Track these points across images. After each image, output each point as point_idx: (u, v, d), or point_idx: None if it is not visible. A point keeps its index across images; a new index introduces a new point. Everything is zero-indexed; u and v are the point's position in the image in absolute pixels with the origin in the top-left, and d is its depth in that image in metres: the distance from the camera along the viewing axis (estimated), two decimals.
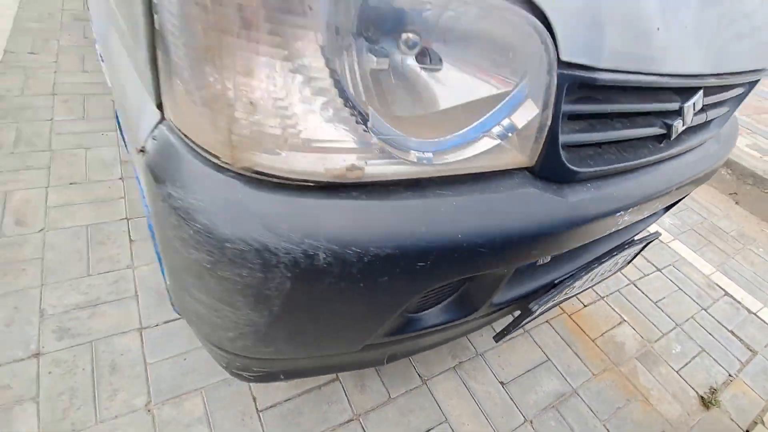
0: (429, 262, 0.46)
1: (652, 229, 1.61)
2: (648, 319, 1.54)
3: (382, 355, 0.69)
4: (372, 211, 0.43)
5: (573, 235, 0.56)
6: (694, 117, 0.71)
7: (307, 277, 0.42)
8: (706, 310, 1.66)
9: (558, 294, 0.79)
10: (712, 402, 1.30)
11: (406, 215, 0.44)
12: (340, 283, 0.43)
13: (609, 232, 0.66)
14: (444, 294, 0.64)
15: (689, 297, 1.70)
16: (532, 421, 1.13)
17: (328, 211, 0.41)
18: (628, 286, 1.68)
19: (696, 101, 0.68)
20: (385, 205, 0.43)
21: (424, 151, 0.42)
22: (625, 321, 1.51)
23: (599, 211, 0.59)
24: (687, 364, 1.41)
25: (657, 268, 1.82)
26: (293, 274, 0.41)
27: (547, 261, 0.75)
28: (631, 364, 1.36)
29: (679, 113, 0.67)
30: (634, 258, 1.08)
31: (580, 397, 1.22)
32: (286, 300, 0.43)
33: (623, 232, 0.94)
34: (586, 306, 1.53)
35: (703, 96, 0.70)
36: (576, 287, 0.89)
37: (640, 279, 1.73)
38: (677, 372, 1.37)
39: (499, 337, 0.82)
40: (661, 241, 1.99)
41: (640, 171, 0.69)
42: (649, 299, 1.64)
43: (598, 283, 1.04)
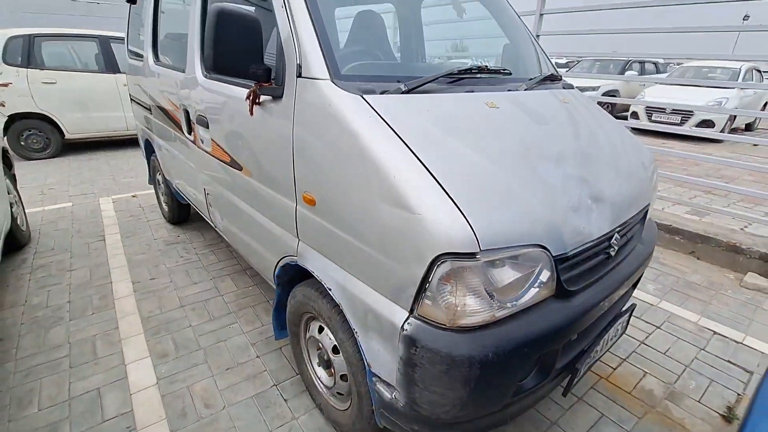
0: (527, 349, 1.05)
1: (642, 301, 2.20)
2: (663, 367, 2.03)
3: (507, 415, 1.20)
4: (500, 332, 1.03)
5: (581, 320, 1.17)
6: (619, 244, 1.39)
7: (486, 367, 0.99)
8: (703, 350, 2.16)
9: (588, 357, 1.34)
10: (732, 417, 1.73)
11: (512, 331, 1.05)
12: (497, 368, 1.01)
13: (600, 313, 1.27)
14: (533, 368, 1.19)
15: (688, 342, 2.21)
16: None
17: (486, 336, 1.01)
18: (640, 346, 2.19)
19: (615, 237, 1.36)
20: (505, 328, 1.04)
21: (515, 303, 1.05)
22: (647, 373, 2.00)
23: (589, 305, 1.20)
24: (704, 394, 1.87)
25: (656, 326, 2.36)
26: (481, 368, 0.98)
27: (575, 338, 1.33)
28: (663, 403, 1.81)
29: (610, 245, 1.35)
30: (627, 325, 1.66)
31: None
32: (478, 379, 1.00)
33: (611, 312, 1.53)
34: (615, 369, 2.02)
35: (618, 233, 1.38)
36: (598, 351, 1.44)
37: (647, 338, 2.25)
38: (698, 401, 1.82)
39: (565, 392, 1.34)
40: (651, 304, 2.56)
41: (605, 278, 1.33)
42: (659, 352, 2.14)
43: (611, 346, 1.59)
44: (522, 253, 1.03)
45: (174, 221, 3.43)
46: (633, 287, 1.72)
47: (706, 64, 9.14)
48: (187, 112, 2.11)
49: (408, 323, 1.04)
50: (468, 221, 0.95)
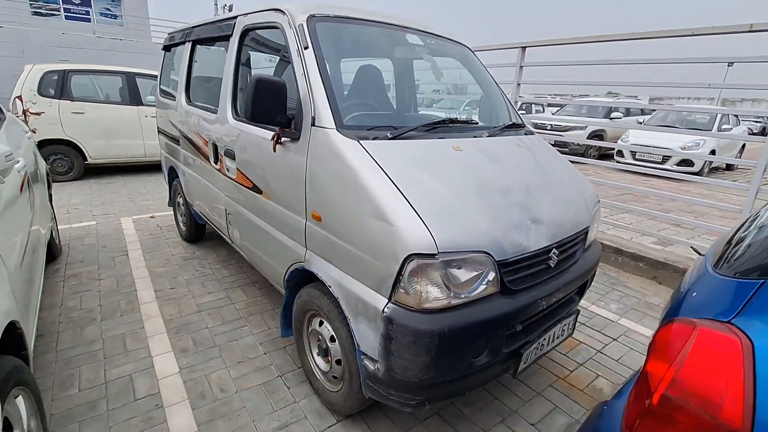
0: (475, 329, 1.41)
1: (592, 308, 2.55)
2: (614, 371, 2.35)
3: (464, 387, 1.54)
4: (455, 315, 1.39)
5: (520, 313, 1.53)
6: (558, 257, 1.77)
7: (443, 339, 1.35)
8: None
9: (532, 347, 1.69)
10: None
11: (464, 315, 1.41)
12: (451, 341, 1.37)
13: (538, 310, 1.63)
14: (483, 349, 1.54)
15: (639, 352, 2.55)
16: None
17: (444, 317, 1.38)
18: (596, 354, 2.52)
19: (554, 252, 1.74)
20: (459, 312, 1.40)
21: (468, 294, 1.43)
22: (600, 375, 2.32)
23: (528, 302, 1.57)
24: None
25: (613, 338, 2.69)
26: (439, 339, 1.34)
27: (520, 329, 1.68)
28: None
29: (549, 258, 1.72)
30: (573, 327, 2.01)
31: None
32: (437, 349, 1.35)
33: (554, 313, 1.89)
34: (572, 372, 2.35)
35: (557, 248, 1.76)
36: (544, 345, 1.79)
37: (603, 348, 2.58)
38: None
39: (514, 374, 1.68)
40: (611, 321, 2.91)
41: (544, 283, 1.70)
42: (612, 359, 2.47)
43: (559, 343, 1.94)
44: (470, 257, 1.41)
45: (190, 240, 3.82)
46: (579, 295, 2.09)
47: (686, 108, 9.83)
48: (215, 146, 2.55)
49: (387, 307, 1.41)
50: (430, 231, 1.34)
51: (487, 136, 2.01)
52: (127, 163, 6.67)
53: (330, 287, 1.67)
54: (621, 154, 9.36)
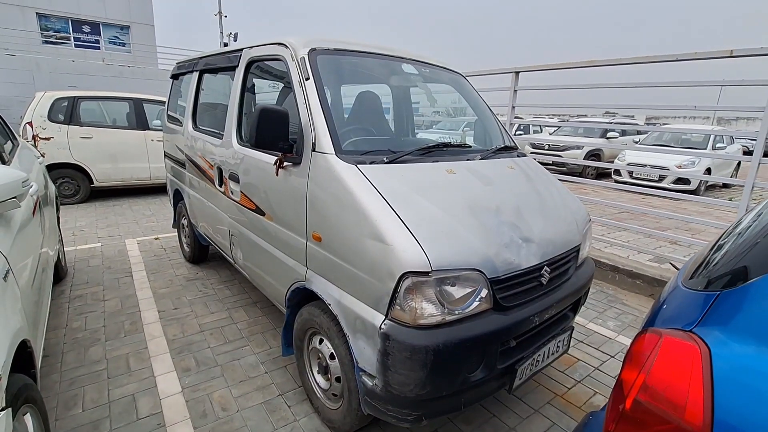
0: (469, 344, 1.46)
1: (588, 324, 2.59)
2: (611, 388, 2.38)
3: (460, 402, 1.58)
4: (449, 331, 1.45)
5: (513, 329, 1.59)
6: (550, 274, 1.83)
7: (438, 354, 1.40)
8: None
9: (526, 363, 1.74)
10: None
11: (458, 331, 1.47)
12: (446, 356, 1.42)
13: (531, 326, 1.68)
14: (478, 364, 1.59)
15: None
16: None
17: (439, 333, 1.43)
18: (594, 371, 2.55)
19: (545, 269, 1.81)
20: (453, 328, 1.46)
21: (462, 311, 1.49)
22: (597, 392, 2.34)
23: (521, 318, 1.63)
24: None
25: (611, 356, 2.72)
26: (435, 355, 1.39)
27: (514, 345, 1.73)
28: None
29: (541, 275, 1.79)
30: (568, 344, 2.05)
31: None
32: (432, 364, 1.40)
33: (548, 329, 1.94)
34: (570, 389, 2.37)
35: (548, 266, 1.83)
36: (539, 361, 1.84)
37: (601, 365, 2.61)
38: None
39: (510, 389, 1.72)
40: (609, 338, 2.93)
41: (536, 299, 1.76)
42: (610, 376, 2.50)
43: (554, 360, 1.98)
44: (463, 274, 1.48)
45: (194, 261, 3.89)
46: (573, 312, 2.14)
47: (681, 128, 10.00)
48: (220, 169, 2.65)
49: (384, 324, 1.47)
50: (424, 250, 1.41)
51: (480, 159, 2.10)
52: (133, 186, 6.80)
53: (330, 305, 1.73)
54: (618, 173, 9.49)
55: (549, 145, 10.53)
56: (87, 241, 4.60)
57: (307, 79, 1.88)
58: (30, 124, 5.85)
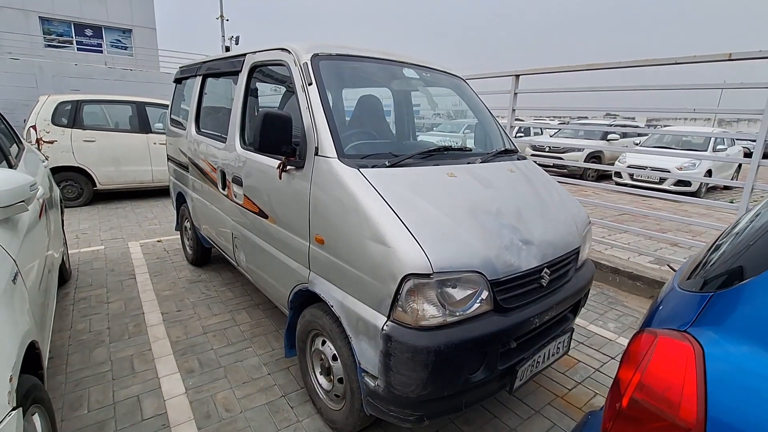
0: (469, 345, 1.48)
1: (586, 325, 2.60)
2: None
3: (462, 402, 1.60)
4: (450, 332, 1.47)
5: (514, 330, 1.61)
6: (550, 276, 1.85)
7: (439, 355, 1.42)
8: None
9: (527, 364, 1.75)
10: None
11: (459, 332, 1.49)
12: (447, 357, 1.44)
13: (532, 327, 1.70)
14: (479, 365, 1.61)
15: None
16: None
17: (440, 334, 1.45)
18: (594, 372, 2.56)
19: (545, 271, 1.83)
20: (454, 329, 1.48)
21: (463, 312, 1.51)
22: (597, 393, 2.36)
23: (521, 319, 1.65)
24: None
25: (611, 357, 2.73)
26: (436, 356, 1.41)
27: (515, 346, 1.75)
28: None
29: (541, 277, 1.81)
30: (568, 345, 2.07)
31: None
32: (433, 365, 1.42)
33: (548, 331, 1.96)
34: (570, 390, 2.38)
35: (548, 268, 1.85)
36: (539, 362, 1.86)
37: (601, 367, 2.62)
38: None
39: (510, 390, 1.74)
40: (610, 340, 2.95)
41: (537, 301, 1.78)
42: (611, 378, 2.51)
43: (554, 361, 1.99)
44: (464, 276, 1.50)
45: (196, 263, 3.91)
46: (573, 314, 2.16)
47: (682, 130, 10.02)
48: (223, 173, 2.68)
49: (386, 325, 1.49)
50: (425, 253, 1.44)
51: (480, 162, 2.13)
52: (135, 189, 6.84)
53: (332, 307, 1.75)
54: (619, 175, 9.51)
55: (550, 147, 10.55)
56: (90, 243, 4.63)
57: (309, 84, 1.91)
58: (34, 127, 5.89)
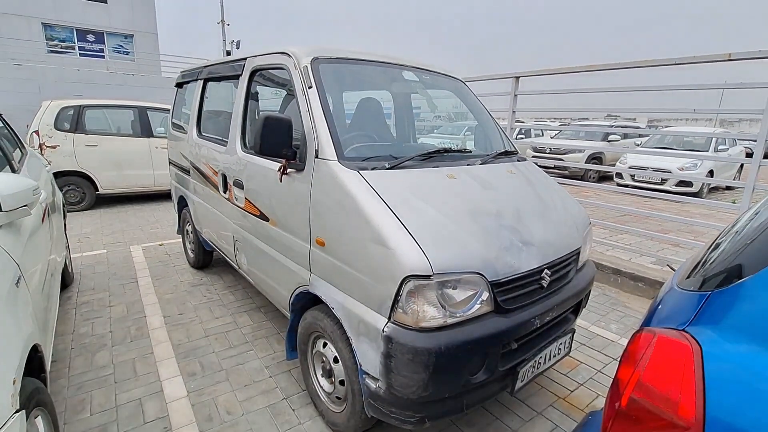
0: (470, 346, 1.48)
1: (585, 328, 2.60)
2: None
3: (463, 404, 1.60)
4: (450, 333, 1.47)
5: (514, 331, 1.61)
6: (551, 277, 1.85)
7: (440, 357, 1.42)
8: None
9: (528, 365, 1.75)
10: None
11: (459, 333, 1.49)
12: (447, 358, 1.44)
13: (532, 328, 1.70)
14: (479, 366, 1.61)
15: None
16: None
17: (441, 335, 1.46)
18: (597, 374, 2.56)
19: (546, 272, 1.83)
20: (455, 331, 1.48)
21: (463, 314, 1.51)
22: (600, 395, 2.35)
23: (522, 320, 1.65)
24: None
25: (613, 359, 2.73)
26: (436, 357, 1.42)
27: (515, 347, 1.75)
28: None
29: (541, 278, 1.81)
30: (570, 346, 2.07)
31: None
32: (434, 366, 1.42)
33: (549, 332, 1.95)
34: (572, 391, 2.38)
35: (549, 269, 1.85)
36: (540, 363, 1.85)
37: (604, 368, 2.62)
38: None
39: (512, 391, 1.74)
40: (612, 341, 2.94)
41: (537, 302, 1.78)
42: (612, 378, 2.50)
43: (556, 362, 1.99)
44: (464, 277, 1.51)
45: (198, 266, 3.92)
46: (574, 314, 2.16)
47: (683, 130, 10.01)
48: (224, 176, 2.69)
49: (387, 326, 1.50)
50: (425, 254, 1.44)
51: (480, 164, 2.13)
52: (137, 193, 6.86)
53: (333, 309, 1.75)
54: (620, 176, 9.50)
55: (551, 148, 10.55)
56: (93, 247, 4.65)
57: (309, 87, 1.93)
58: (37, 132, 5.93)
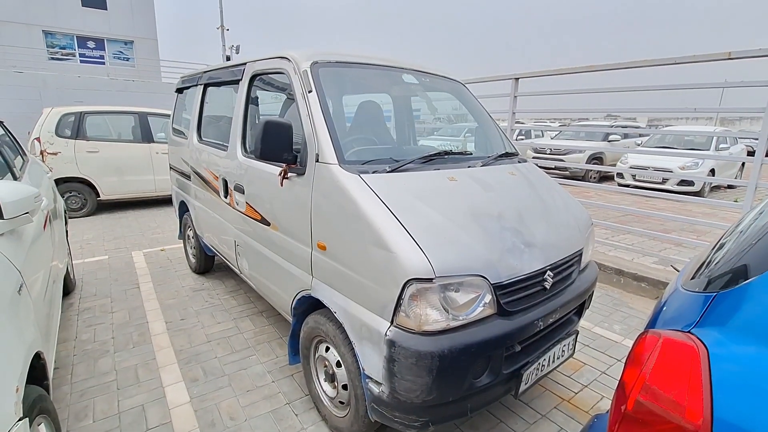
0: (473, 349, 1.47)
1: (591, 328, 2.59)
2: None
3: (467, 408, 1.59)
4: (454, 336, 1.47)
5: (517, 334, 1.60)
6: (553, 279, 1.84)
7: (443, 360, 1.41)
8: None
9: (532, 368, 1.74)
10: None
11: (462, 337, 1.48)
12: (451, 362, 1.43)
13: (536, 330, 1.70)
14: (483, 369, 1.60)
15: None
16: None
17: (444, 339, 1.45)
18: (601, 375, 2.54)
19: (548, 274, 1.82)
20: (458, 334, 1.48)
21: (466, 317, 1.50)
22: (604, 397, 2.34)
23: (525, 323, 1.64)
24: None
25: (617, 360, 2.71)
26: (440, 360, 1.41)
27: (519, 350, 1.74)
28: None
29: (544, 279, 1.80)
30: (573, 348, 2.06)
31: None
32: (438, 369, 1.42)
33: (553, 333, 1.95)
34: (577, 393, 2.37)
35: (551, 270, 1.84)
36: (544, 366, 1.84)
37: (608, 369, 2.60)
38: None
39: (516, 394, 1.73)
40: (615, 342, 2.93)
41: (540, 304, 1.77)
42: (617, 380, 2.48)
43: (560, 364, 1.98)
44: (466, 280, 1.50)
45: (199, 271, 3.92)
46: (578, 316, 2.15)
47: (683, 130, 10.00)
48: (225, 181, 2.69)
49: (389, 330, 1.49)
50: (427, 257, 1.44)
51: (481, 166, 2.13)
52: (138, 198, 6.88)
53: (335, 313, 1.75)
54: (621, 176, 9.48)
55: (551, 149, 10.55)
56: (94, 253, 4.65)
57: (309, 91, 1.93)
58: (38, 139, 5.95)
